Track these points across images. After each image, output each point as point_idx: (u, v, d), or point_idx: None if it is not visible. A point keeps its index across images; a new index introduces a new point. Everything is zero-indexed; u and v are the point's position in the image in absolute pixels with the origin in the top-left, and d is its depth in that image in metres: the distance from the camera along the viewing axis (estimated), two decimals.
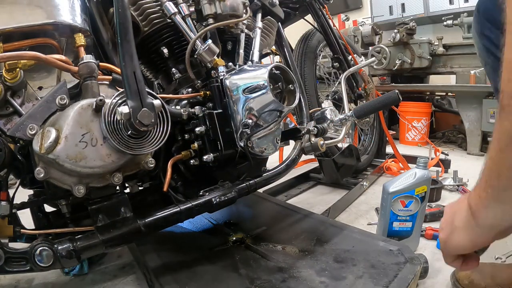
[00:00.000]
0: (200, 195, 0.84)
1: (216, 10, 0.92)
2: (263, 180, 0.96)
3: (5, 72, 0.67)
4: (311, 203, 1.54)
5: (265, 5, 1.12)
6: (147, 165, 0.76)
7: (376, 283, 0.71)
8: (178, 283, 0.78)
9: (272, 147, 0.88)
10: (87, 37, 0.79)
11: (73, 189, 0.68)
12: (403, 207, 0.98)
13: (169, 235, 1.05)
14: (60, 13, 0.75)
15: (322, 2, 1.55)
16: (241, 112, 0.83)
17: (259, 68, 0.83)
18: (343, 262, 0.81)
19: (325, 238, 0.92)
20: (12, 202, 0.71)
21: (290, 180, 1.74)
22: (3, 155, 0.65)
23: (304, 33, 1.80)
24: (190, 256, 0.91)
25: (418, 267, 0.76)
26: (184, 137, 0.90)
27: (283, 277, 0.77)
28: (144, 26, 0.90)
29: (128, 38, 0.68)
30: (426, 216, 1.17)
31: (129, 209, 0.76)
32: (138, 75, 0.68)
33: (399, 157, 1.85)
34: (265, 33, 1.12)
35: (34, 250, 0.67)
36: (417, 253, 0.99)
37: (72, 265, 0.75)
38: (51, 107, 0.69)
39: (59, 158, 0.64)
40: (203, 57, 0.87)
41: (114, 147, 0.67)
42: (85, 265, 1.03)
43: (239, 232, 1.01)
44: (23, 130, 0.66)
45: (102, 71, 0.80)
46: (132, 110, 0.66)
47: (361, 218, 1.34)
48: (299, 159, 1.07)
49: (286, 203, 1.27)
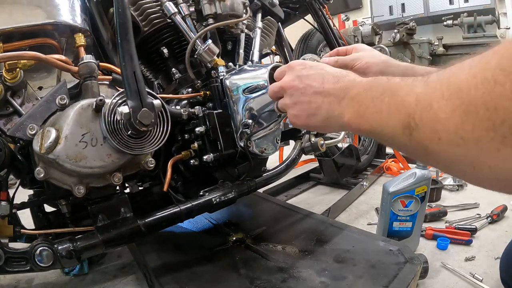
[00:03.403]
0: (200, 195, 0.84)
1: (216, 10, 0.92)
2: (263, 180, 0.96)
3: (5, 72, 0.67)
4: (311, 203, 1.53)
5: (265, 5, 1.12)
6: (147, 165, 0.76)
7: (376, 283, 0.71)
8: (178, 283, 0.78)
9: (272, 147, 0.88)
10: (87, 37, 0.79)
11: (73, 189, 0.68)
12: (403, 207, 0.98)
13: (169, 235, 1.05)
14: (60, 13, 0.75)
15: (322, 2, 1.55)
16: (241, 112, 0.83)
17: (259, 68, 0.83)
18: (343, 262, 0.81)
19: (325, 238, 0.92)
20: (12, 202, 0.71)
21: (290, 180, 1.74)
22: (3, 155, 0.65)
23: (304, 33, 1.80)
24: (190, 256, 0.91)
25: (418, 267, 0.76)
26: (184, 137, 0.90)
27: (283, 277, 0.77)
28: (144, 26, 0.90)
29: (128, 38, 0.68)
30: (426, 216, 1.17)
31: (129, 209, 0.76)
32: (138, 75, 0.68)
33: (399, 157, 1.85)
34: (265, 33, 1.12)
35: (34, 250, 0.67)
36: (417, 253, 0.99)
37: (72, 265, 0.75)
38: (51, 107, 0.69)
39: (59, 158, 0.64)
40: (203, 57, 0.87)
41: (114, 147, 0.67)
42: (85, 265, 1.03)
43: (239, 232, 1.01)
44: (23, 130, 0.66)
45: (102, 71, 0.80)
46: (132, 110, 0.66)
47: (361, 218, 1.34)
48: (299, 159, 1.07)
49: (286, 203, 1.27)
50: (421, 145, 0.36)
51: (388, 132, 0.40)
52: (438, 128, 0.33)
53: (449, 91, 0.32)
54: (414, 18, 3.53)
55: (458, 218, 1.21)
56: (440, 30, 3.73)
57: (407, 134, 0.37)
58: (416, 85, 0.37)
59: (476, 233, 1.10)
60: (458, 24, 3.34)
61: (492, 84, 0.27)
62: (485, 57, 0.30)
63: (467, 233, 1.08)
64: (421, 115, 0.35)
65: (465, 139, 0.30)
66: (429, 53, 3.11)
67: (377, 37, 3.40)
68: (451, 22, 3.37)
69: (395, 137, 0.39)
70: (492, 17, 3.51)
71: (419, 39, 3.22)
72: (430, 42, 3.19)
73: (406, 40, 3.12)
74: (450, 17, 3.40)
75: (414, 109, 0.35)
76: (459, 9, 3.81)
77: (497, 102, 0.27)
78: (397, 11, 4.47)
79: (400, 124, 0.37)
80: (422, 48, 3.11)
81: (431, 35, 3.63)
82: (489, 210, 1.20)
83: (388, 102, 0.40)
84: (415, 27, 3.22)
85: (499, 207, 1.20)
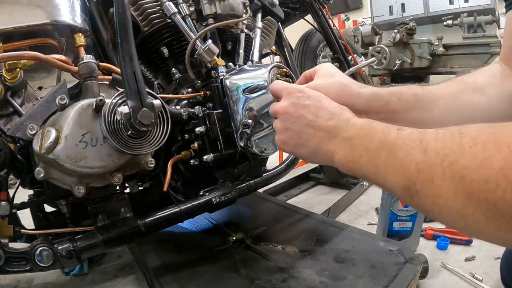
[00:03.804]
0: (200, 195, 0.84)
1: (216, 10, 0.92)
2: (263, 180, 0.96)
3: (5, 72, 0.67)
4: (311, 203, 1.53)
5: (265, 5, 1.13)
6: (147, 165, 0.76)
7: (376, 283, 0.71)
8: (178, 283, 0.78)
9: (272, 147, 0.88)
10: (87, 37, 0.79)
11: (73, 189, 0.68)
12: (403, 207, 0.98)
13: (169, 235, 1.05)
14: (60, 13, 0.75)
15: (322, 2, 1.55)
16: (241, 112, 0.83)
17: (259, 68, 0.83)
18: (343, 262, 0.81)
19: (325, 238, 0.92)
20: (12, 202, 0.71)
21: (290, 180, 1.74)
22: (3, 155, 0.65)
23: (304, 33, 1.80)
24: (190, 256, 0.91)
25: (418, 267, 0.76)
26: (184, 137, 0.90)
27: (283, 277, 0.77)
28: (144, 26, 0.90)
29: (128, 38, 0.68)
30: (426, 216, 1.17)
31: (129, 209, 0.76)
32: (138, 75, 0.68)
33: None
34: (265, 33, 1.12)
35: (34, 250, 0.67)
36: (417, 253, 0.99)
37: (72, 265, 0.75)
38: (51, 107, 0.69)
39: (59, 158, 0.64)
40: (203, 57, 0.87)
41: (114, 147, 0.67)
42: (85, 265, 1.03)
43: (239, 232, 1.01)
44: (23, 130, 0.66)
45: (102, 71, 0.80)
46: (132, 110, 0.66)
47: (361, 218, 1.34)
48: (299, 159, 1.07)
49: (286, 203, 1.27)
50: (421, 208, 0.37)
51: (386, 186, 0.41)
52: (440, 203, 0.34)
53: (451, 172, 0.32)
54: (414, 18, 3.53)
55: None
56: (440, 30, 3.73)
57: (407, 195, 0.37)
58: (415, 147, 0.37)
59: None
60: (458, 24, 3.34)
61: (494, 186, 0.29)
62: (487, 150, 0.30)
63: None
64: (422, 186, 0.35)
65: (466, 218, 0.32)
66: (429, 53, 3.11)
67: (377, 37, 3.40)
68: (451, 22, 3.37)
69: (393, 191, 0.41)
70: (492, 17, 3.51)
71: (419, 39, 3.22)
72: (430, 42, 3.19)
73: (406, 40, 3.12)
74: (450, 17, 3.41)
75: (415, 177, 0.36)
76: (459, 9, 3.82)
77: (497, 202, 0.29)
78: (397, 11, 4.47)
79: (400, 185, 0.38)
80: (422, 48, 3.12)
81: (431, 35, 3.63)
82: None
83: (385, 160, 0.40)
84: (415, 27, 3.22)
85: None
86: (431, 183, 0.34)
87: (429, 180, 0.34)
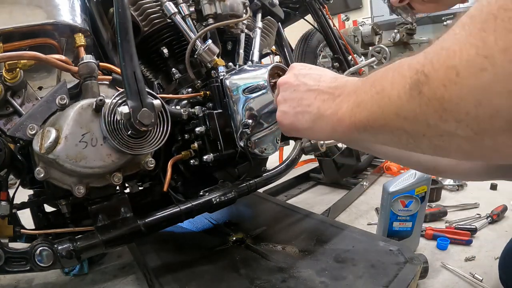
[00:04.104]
0: (200, 195, 0.84)
1: (216, 10, 0.92)
2: (263, 180, 0.96)
3: (5, 72, 0.67)
4: (311, 203, 1.53)
5: (265, 5, 1.13)
6: (147, 165, 0.76)
7: (376, 283, 0.71)
8: (178, 283, 0.78)
9: (272, 147, 0.88)
10: (87, 37, 0.79)
11: (73, 189, 0.68)
12: (403, 207, 0.98)
13: (169, 235, 1.05)
14: (60, 13, 0.75)
15: (322, 2, 1.55)
16: (241, 112, 0.83)
17: (259, 68, 0.83)
18: (343, 262, 0.81)
19: (325, 238, 0.92)
20: (12, 202, 0.71)
21: (290, 180, 1.74)
22: (3, 155, 0.65)
23: (304, 33, 1.80)
24: (190, 256, 0.91)
25: (418, 267, 0.76)
26: (184, 137, 0.90)
27: (283, 277, 0.77)
28: (144, 26, 0.90)
29: (128, 38, 0.68)
30: (426, 216, 1.17)
31: (129, 209, 0.76)
32: (138, 75, 0.68)
33: None
34: (265, 33, 1.13)
35: (34, 250, 0.67)
36: (417, 253, 0.99)
37: (72, 265, 0.75)
38: (51, 107, 0.69)
39: (59, 158, 0.64)
40: (203, 57, 0.87)
41: (114, 147, 0.67)
42: (85, 265, 1.03)
43: (239, 232, 1.01)
44: (23, 130, 0.66)
45: (102, 71, 0.80)
46: (132, 110, 0.66)
47: (361, 218, 1.34)
48: (299, 159, 1.07)
49: (286, 203, 1.27)
50: (434, 101, 0.29)
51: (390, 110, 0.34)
52: (454, 62, 0.27)
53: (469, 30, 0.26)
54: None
55: (458, 218, 1.21)
56: (440, 30, 3.73)
57: (415, 95, 0.30)
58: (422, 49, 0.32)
59: (476, 233, 1.10)
60: None
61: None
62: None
63: (467, 233, 1.08)
64: (431, 62, 0.29)
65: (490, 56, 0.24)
66: None
67: (377, 37, 3.40)
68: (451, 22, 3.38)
69: (398, 113, 0.33)
70: None
71: (419, 39, 3.22)
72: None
73: (406, 40, 3.13)
74: (450, 17, 3.40)
75: (423, 62, 0.30)
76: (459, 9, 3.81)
77: None
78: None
79: (407, 89, 0.31)
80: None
81: (431, 35, 3.64)
82: (489, 210, 1.20)
83: (392, 75, 0.35)
84: (415, 27, 3.22)
85: (499, 207, 1.20)
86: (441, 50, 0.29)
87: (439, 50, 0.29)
